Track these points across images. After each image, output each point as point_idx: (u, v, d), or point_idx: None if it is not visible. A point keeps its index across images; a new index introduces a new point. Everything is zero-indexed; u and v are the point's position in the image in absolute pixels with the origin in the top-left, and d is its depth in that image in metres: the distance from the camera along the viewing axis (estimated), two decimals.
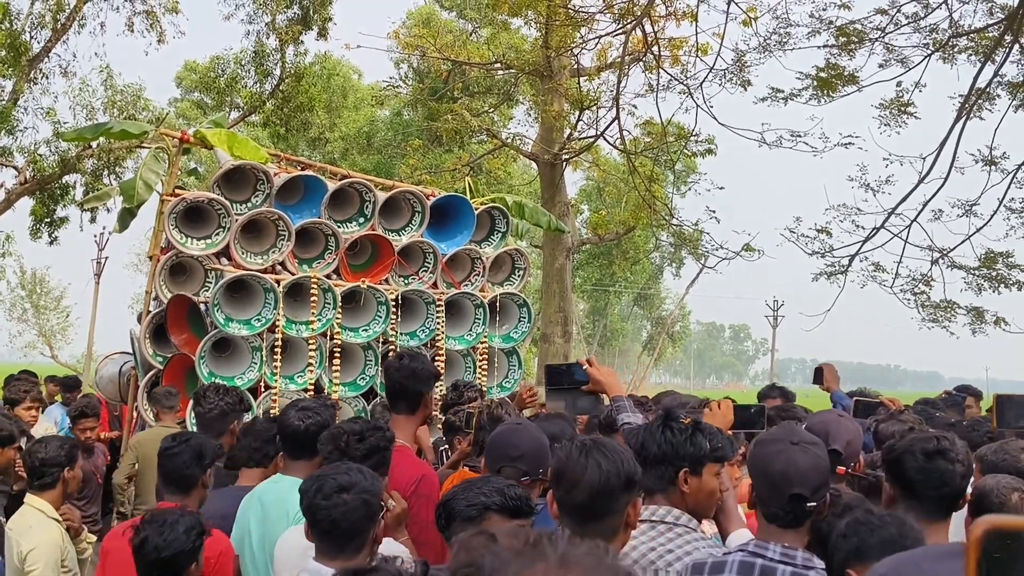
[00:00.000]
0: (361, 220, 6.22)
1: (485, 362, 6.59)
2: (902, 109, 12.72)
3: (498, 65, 17.56)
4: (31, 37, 17.44)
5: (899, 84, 12.63)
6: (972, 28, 12.05)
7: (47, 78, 18.19)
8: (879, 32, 12.31)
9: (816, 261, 13.10)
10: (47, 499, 3.94)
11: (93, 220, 19.59)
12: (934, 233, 13.08)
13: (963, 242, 12.07)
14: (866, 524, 2.51)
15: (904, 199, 11.83)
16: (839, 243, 12.88)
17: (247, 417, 5.25)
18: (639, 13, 12.85)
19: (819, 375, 6.33)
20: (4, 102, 17.20)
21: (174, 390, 6.20)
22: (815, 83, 12.79)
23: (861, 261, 12.78)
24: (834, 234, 12.93)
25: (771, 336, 58.50)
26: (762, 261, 15.39)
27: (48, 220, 18.84)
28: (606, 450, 2.45)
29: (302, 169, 6.56)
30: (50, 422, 7.46)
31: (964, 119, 11.29)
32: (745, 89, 13.61)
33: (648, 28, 13.37)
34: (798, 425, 3.37)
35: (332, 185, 6.09)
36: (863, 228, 12.49)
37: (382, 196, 6.27)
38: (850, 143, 12.93)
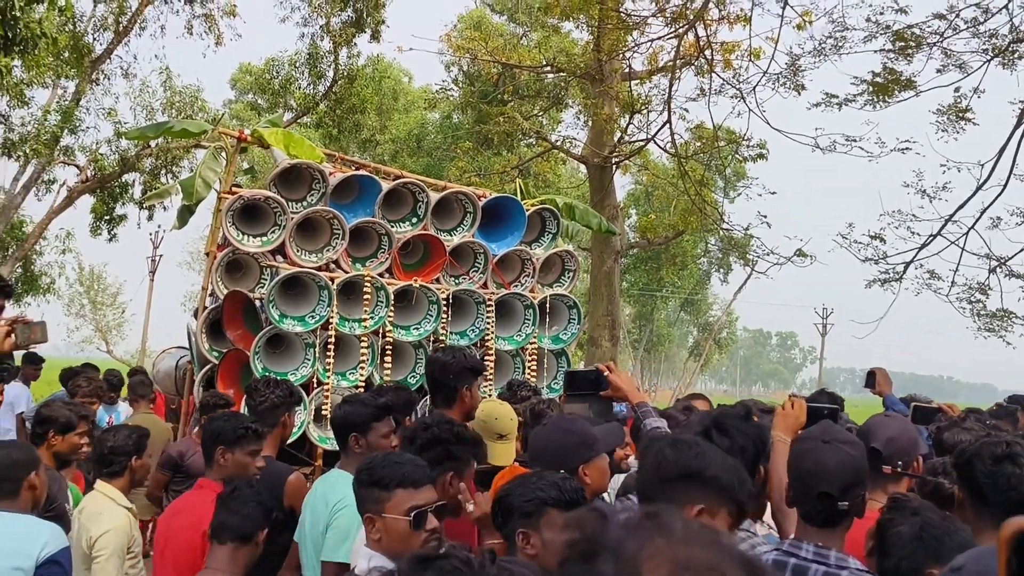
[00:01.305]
0: (414, 220, 6.28)
1: (534, 363, 6.61)
2: (960, 115, 12.49)
3: (548, 68, 17.56)
4: (94, 39, 17.91)
5: (957, 90, 12.45)
6: None
7: (108, 79, 18.69)
8: (937, 37, 12.10)
9: (868, 268, 12.93)
10: (116, 486, 4.05)
11: (150, 218, 20.06)
12: (992, 241, 12.84)
13: (1022, 250, 11.82)
14: (941, 527, 2.49)
15: (962, 206, 11.62)
16: (893, 250, 12.70)
17: (299, 412, 5.34)
18: (692, 17, 12.79)
19: (871, 379, 6.24)
20: (67, 102, 17.67)
21: (147, 379, 7.32)
22: (871, 88, 12.61)
23: (916, 268, 12.59)
24: (888, 241, 12.76)
25: (819, 344, 57.72)
26: (810, 268, 15.25)
27: (108, 218, 19.33)
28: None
29: (356, 169, 6.64)
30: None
31: None
32: (799, 94, 13.47)
33: (701, 32, 13.30)
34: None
35: (386, 185, 6.16)
36: (918, 235, 12.30)
37: (435, 197, 6.32)
38: (906, 148, 12.74)
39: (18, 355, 7.45)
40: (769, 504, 3.28)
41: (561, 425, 3.36)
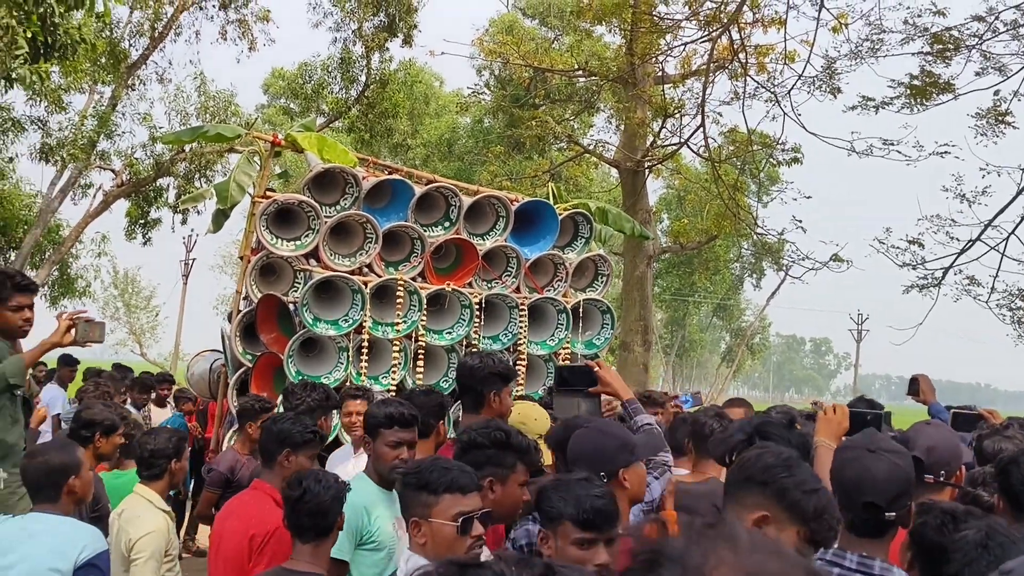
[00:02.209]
0: (447, 224, 6.27)
1: None
2: (1000, 118, 12.28)
3: (580, 72, 17.51)
4: (130, 45, 18.14)
5: (997, 93, 12.19)
6: None
7: (144, 84, 18.94)
8: (976, 39, 11.91)
9: (905, 273, 12.73)
10: (155, 489, 4.06)
11: (184, 222, 20.25)
12: None
13: None
14: (1006, 535, 2.42)
15: (1002, 211, 11.41)
16: (931, 255, 12.49)
17: (334, 416, 5.35)
18: (726, 20, 12.68)
19: (914, 386, 6.05)
20: (104, 107, 17.91)
21: (118, 375, 7.72)
22: (909, 91, 12.44)
23: (955, 274, 12.37)
24: (926, 246, 12.55)
25: (854, 350, 57.06)
26: (844, 273, 14.99)
27: (142, 221, 19.58)
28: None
29: (389, 173, 6.65)
30: None
31: None
32: (835, 97, 13.31)
33: (735, 35, 13.19)
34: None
35: (419, 189, 6.16)
36: (957, 240, 12.09)
37: (467, 201, 6.31)
38: (945, 152, 12.53)
39: (52, 356, 7.52)
40: None
41: (602, 428, 3.34)
